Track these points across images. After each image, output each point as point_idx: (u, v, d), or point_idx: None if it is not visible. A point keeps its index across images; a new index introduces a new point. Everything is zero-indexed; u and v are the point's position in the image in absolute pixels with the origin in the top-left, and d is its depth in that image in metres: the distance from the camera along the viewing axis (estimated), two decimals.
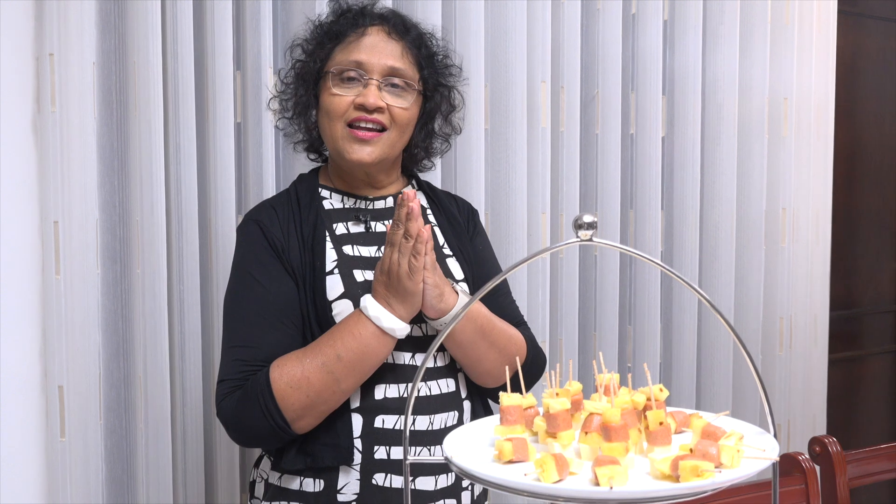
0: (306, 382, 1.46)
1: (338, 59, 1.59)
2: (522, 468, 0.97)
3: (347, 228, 1.62)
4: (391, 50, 1.58)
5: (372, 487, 1.54)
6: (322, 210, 1.62)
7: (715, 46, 2.61)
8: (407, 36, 1.61)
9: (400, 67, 1.58)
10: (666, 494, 0.92)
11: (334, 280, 1.55)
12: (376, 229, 1.63)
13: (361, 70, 1.56)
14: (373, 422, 1.54)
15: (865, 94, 3.28)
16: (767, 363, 2.80)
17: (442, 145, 1.73)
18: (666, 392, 1.09)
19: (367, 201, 1.65)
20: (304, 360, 1.48)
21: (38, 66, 1.82)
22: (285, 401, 1.46)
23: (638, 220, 2.56)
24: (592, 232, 0.97)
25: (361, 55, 1.57)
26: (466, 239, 1.71)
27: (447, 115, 1.70)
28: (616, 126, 2.48)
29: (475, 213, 1.80)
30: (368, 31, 1.59)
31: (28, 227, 1.83)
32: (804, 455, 1.93)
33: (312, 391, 1.47)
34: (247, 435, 1.53)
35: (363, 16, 1.61)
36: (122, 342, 1.92)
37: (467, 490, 1.63)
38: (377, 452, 1.54)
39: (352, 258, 1.59)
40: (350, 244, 1.60)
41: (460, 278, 1.65)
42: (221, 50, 1.96)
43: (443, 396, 1.59)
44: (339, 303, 1.54)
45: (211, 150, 1.98)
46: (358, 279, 1.56)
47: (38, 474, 1.85)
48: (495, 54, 2.28)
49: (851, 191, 3.28)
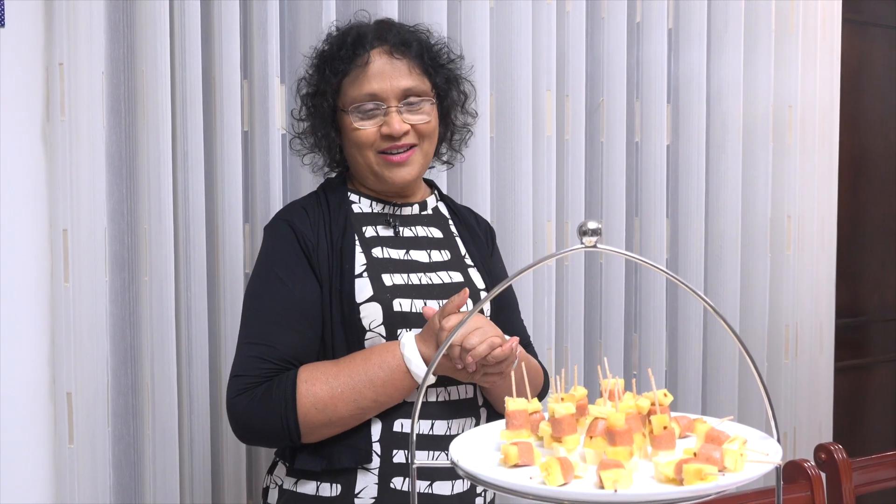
0: (332, 408, 1.49)
1: (350, 94, 1.60)
2: (528, 472, 0.98)
3: (377, 231, 1.64)
4: (399, 71, 1.60)
5: (390, 491, 1.55)
6: (351, 213, 1.64)
7: (719, 54, 2.62)
8: (409, 51, 1.62)
9: (413, 86, 1.60)
10: (670, 498, 0.93)
11: (363, 283, 1.57)
12: (404, 234, 1.66)
13: (377, 100, 1.59)
14: (392, 426, 1.55)
15: (870, 102, 3.28)
16: (773, 371, 2.79)
17: (463, 135, 1.76)
18: (670, 397, 1.10)
19: (395, 206, 1.67)
20: (333, 382, 1.49)
21: (47, 75, 1.83)
22: (306, 418, 1.49)
23: (643, 227, 2.57)
24: (597, 238, 0.98)
25: (374, 85, 1.58)
26: (487, 253, 1.75)
27: (462, 105, 1.73)
28: (621, 134, 2.49)
29: (493, 233, 1.84)
30: (371, 56, 1.60)
31: (37, 236, 1.84)
32: (810, 462, 1.93)
33: (336, 416, 1.50)
34: (253, 435, 1.54)
35: (362, 44, 1.61)
36: (130, 349, 1.93)
37: (480, 496, 1.64)
38: (396, 456, 1.55)
39: (381, 261, 1.60)
40: (380, 247, 1.62)
41: (481, 287, 1.67)
42: (229, 59, 1.97)
43: (462, 402, 1.61)
44: (367, 306, 1.56)
45: (218, 158, 2.00)
46: (386, 283, 1.58)
47: (46, 480, 1.86)
48: (500, 62, 2.29)
49: (857, 198, 3.28)
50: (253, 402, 1.50)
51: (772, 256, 2.76)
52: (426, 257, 1.65)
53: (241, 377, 1.52)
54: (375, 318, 1.55)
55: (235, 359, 1.56)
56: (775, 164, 2.73)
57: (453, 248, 1.70)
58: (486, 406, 1.65)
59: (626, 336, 2.56)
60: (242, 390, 1.51)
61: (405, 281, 1.59)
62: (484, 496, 1.65)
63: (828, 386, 2.94)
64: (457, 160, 1.81)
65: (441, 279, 1.63)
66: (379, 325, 1.56)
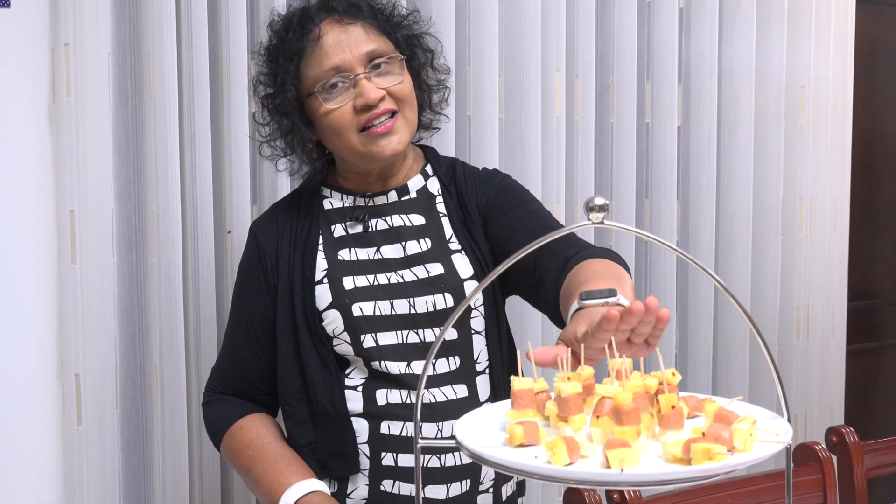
0: (235, 468, 1.63)
1: (311, 75, 1.49)
2: (533, 451, 0.97)
3: (346, 230, 1.58)
4: (356, 36, 1.49)
5: (380, 493, 1.53)
6: (321, 212, 1.59)
7: (731, 34, 2.59)
8: (360, 14, 1.52)
9: (374, 48, 1.50)
10: (677, 477, 0.91)
11: (323, 289, 1.53)
12: (377, 227, 1.58)
13: (342, 72, 1.48)
14: (379, 427, 1.52)
15: (884, 83, 3.25)
16: (784, 354, 2.78)
17: (443, 93, 1.64)
18: (679, 376, 1.08)
19: (366, 198, 1.59)
20: (238, 460, 1.59)
21: (53, 56, 1.83)
22: (224, 454, 1.65)
23: (654, 209, 2.55)
24: (604, 214, 0.96)
25: (333, 58, 1.48)
26: (479, 232, 1.60)
27: (431, 62, 1.62)
28: (631, 115, 2.46)
29: (494, 175, 1.66)
30: (322, 30, 1.49)
31: (44, 217, 1.84)
32: (821, 445, 1.92)
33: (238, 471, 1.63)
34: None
35: (309, 19, 1.51)
36: (138, 331, 1.94)
37: (483, 495, 1.58)
38: (384, 459, 1.52)
39: (343, 264, 1.55)
40: (347, 248, 1.56)
41: (467, 276, 1.56)
42: (236, 39, 1.96)
43: (450, 403, 1.53)
44: (328, 313, 1.53)
45: (226, 139, 1.99)
46: (347, 287, 1.53)
47: (55, 462, 1.87)
48: (509, 43, 2.27)
49: (870, 180, 3.25)
50: (207, 407, 1.68)
51: (783, 239, 2.73)
52: (400, 251, 1.56)
53: (212, 379, 1.69)
54: (337, 325, 1.52)
55: (218, 355, 1.71)
56: (787, 145, 2.71)
57: (436, 233, 1.59)
58: (490, 401, 1.55)
59: None
60: (204, 402, 1.69)
61: (370, 282, 1.53)
62: (491, 495, 1.59)
63: (839, 369, 2.92)
64: (441, 122, 1.67)
65: (415, 275, 1.54)
66: (342, 332, 1.52)
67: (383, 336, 1.52)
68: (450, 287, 1.54)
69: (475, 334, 1.56)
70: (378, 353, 1.52)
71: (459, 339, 1.55)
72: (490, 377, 1.57)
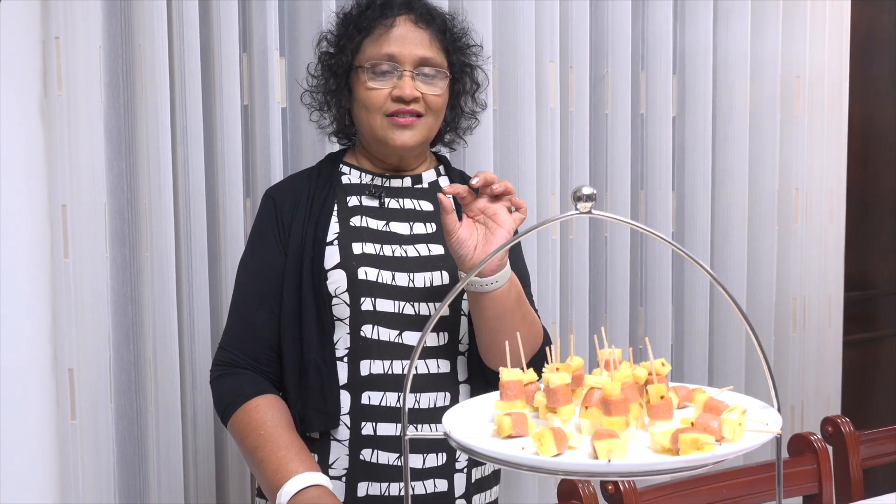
0: (240, 443, 1.61)
1: (369, 52, 1.62)
2: (520, 443, 0.96)
3: (360, 201, 1.66)
4: (420, 39, 1.62)
5: (360, 462, 1.59)
6: (339, 185, 1.67)
7: (726, 24, 2.59)
8: (433, 24, 1.65)
9: (430, 56, 1.62)
10: (664, 468, 0.91)
11: (332, 250, 1.60)
12: (389, 205, 1.66)
13: (394, 62, 1.60)
14: (360, 398, 1.59)
15: (880, 72, 3.24)
16: (780, 344, 2.78)
17: (470, 122, 1.77)
18: (668, 366, 1.08)
19: (384, 178, 1.68)
20: (246, 439, 1.57)
21: (44, 49, 1.82)
22: (230, 430, 1.63)
23: (649, 200, 2.55)
24: (592, 204, 0.96)
25: (393, 47, 1.60)
26: None
27: (473, 93, 1.74)
28: (626, 106, 2.46)
29: None
30: (396, 21, 1.62)
31: (36, 211, 1.84)
32: (816, 435, 1.92)
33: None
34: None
35: (390, 6, 1.64)
36: (132, 325, 1.93)
37: (461, 473, 1.62)
38: (364, 428, 1.58)
39: (355, 229, 1.63)
40: (359, 216, 1.64)
41: None
42: (228, 32, 1.96)
43: (431, 377, 1.61)
44: (334, 272, 1.59)
45: (218, 132, 1.98)
46: (355, 251, 1.60)
47: (49, 457, 1.87)
48: (503, 34, 2.27)
49: (866, 170, 3.25)
50: (218, 382, 1.65)
51: (779, 229, 2.73)
52: (407, 229, 1.65)
53: (213, 365, 1.66)
54: (340, 284, 1.59)
55: (225, 327, 1.67)
56: (783, 135, 2.70)
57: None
58: (469, 383, 1.63)
59: (631, 310, 2.54)
60: (213, 377, 1.66)
61: (377, 251, 1.61)
62: (467, 471, 1.63)
63: (836, 359, 2.92)
64: (459, 146, 1.81)
65: (418, 252, 1.63)
66: (343, 293, 1.59)
67: (381, 303, 1.59)
68: (448, 267, 1.62)
69: (463, 315, 1.64)
70: (374, 317, 1.59)
71: (451, 317, 1.63)
72: (468, 359, 1.65)
